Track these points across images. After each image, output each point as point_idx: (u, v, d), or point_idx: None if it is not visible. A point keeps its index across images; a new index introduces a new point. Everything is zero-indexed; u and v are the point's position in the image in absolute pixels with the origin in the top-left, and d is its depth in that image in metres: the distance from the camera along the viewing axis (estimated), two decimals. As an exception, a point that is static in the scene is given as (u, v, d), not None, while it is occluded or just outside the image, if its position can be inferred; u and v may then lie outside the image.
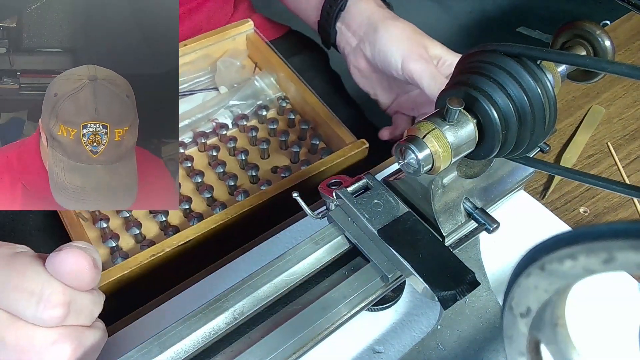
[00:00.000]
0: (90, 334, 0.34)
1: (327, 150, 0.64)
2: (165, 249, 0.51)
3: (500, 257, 0.50)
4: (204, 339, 0.36)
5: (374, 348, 0.44)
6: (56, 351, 0.31)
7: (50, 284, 0.30)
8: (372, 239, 0.40)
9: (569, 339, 0.27)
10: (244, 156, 0.61)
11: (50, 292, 0.30)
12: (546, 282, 0.24)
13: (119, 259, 0.52)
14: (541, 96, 0.35)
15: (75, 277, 0.31)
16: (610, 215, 0.56)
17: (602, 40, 0.40)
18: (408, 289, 0.47)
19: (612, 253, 0.20)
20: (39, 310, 0.30)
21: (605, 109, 0.66)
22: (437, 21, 1.05)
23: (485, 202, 0.44)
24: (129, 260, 0.50)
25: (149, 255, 0.50)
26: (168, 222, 0.56)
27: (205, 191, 0.58)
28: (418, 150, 0.35)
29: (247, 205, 0.54)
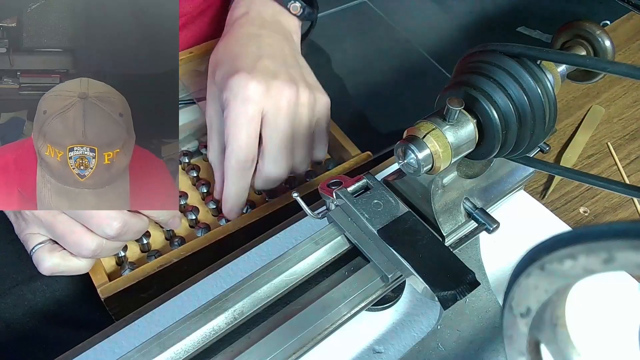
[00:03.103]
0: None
1: (333, 161, 0.63)
2: (172, 259, 0.51)
3: (500, 257, 0.50)
4: (204, 339, 0.36)
5: (374, 348, 0.44)
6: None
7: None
8: (372, 239, 0.40)
9: (569, 339, 0.27)
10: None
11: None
12: (546, 282, 0.24)
13: (127, 270, 0.52)
14: (541, 96, 0.35)
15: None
16: (610, 215, 0.56)
17: (602, 40, 0.40)
18: (408, 289, 0.47)
19: (612, 253, 0.20)
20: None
21: (605, 109, 0.66)
22: (437, 21, 1.05)
23: (485, 202, 0.44)
24: (137, 271, 0.50)
25: (157, 266, 0.50)
26: (174, 232, 0.56)
27: (210, 202, 0.58)
28: (418, 150, 0.35)
29: (254, 217, 0.55)
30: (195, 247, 0.52)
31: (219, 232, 0.53)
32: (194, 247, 0.52)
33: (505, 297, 0.27)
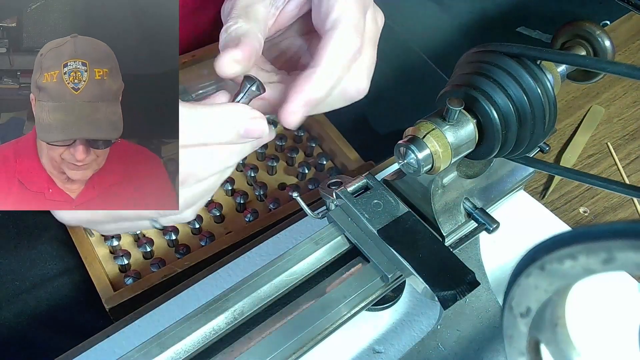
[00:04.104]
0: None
1: (335, 169, 0.63)
2: (176, 269, 0.51)
3: (500, 257, 0.50)
4: (204, 339, 0.36)
5: (373, 348, 0.44)
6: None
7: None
8: (372, 239, 0.40)
9: (569, 339, 0.27)
10: (253, 173, 0.61)
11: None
12: (546, 282, 0.24)
13: (130, 279, 0.52)
14: (541, 96, 0.35)
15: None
16: (610, 215, 0.56)
17: (602, 40, 0.40)
18: (408, 289, 0.47)
19: (612, 253, 0.20)
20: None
21: (605, 109, 0.66)
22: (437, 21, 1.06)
23: (485, 202, 0.44)
24: (141, 282, 0.50)
25: (161, 276, 0.50)
26: (178, 240, 0.56)
27: (214, 209, 0.58)
28: (418, 150, 0.35)
29: (257, 227, 0.55)
30: (200, 258, 0.52)
31: (223, 241, 0.53)
32: (198, 258, 0.52)
33: (505, 297, 0.27)
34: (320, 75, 0.34)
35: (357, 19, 0.36)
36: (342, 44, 0.35)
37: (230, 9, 0.39)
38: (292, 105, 0.34)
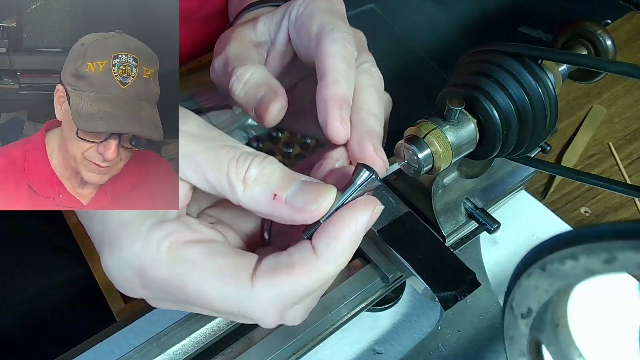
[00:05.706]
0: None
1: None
2: None
3: (501, 257, 0.49)
4: (204, 340, 0.36)
5: (374, 349, 0.44)
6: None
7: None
8: (372, 239, 0.40)
9: (570, 340, 0.27)
10: None
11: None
12: (547, 283, 0.24)
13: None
14: (542, 96, 0.35)
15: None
16: (611, 215, 0.56)
17: (603, 40, 0.40)
18: (408, 290, 0.47)
19: (613, 253, 0.19)
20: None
21: (607, 108, 0.66)
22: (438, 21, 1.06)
23: (486, 202, 0.44)
24: None
25: None
26: None
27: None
28: (418, 150, 0.35)
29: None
30: None
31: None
32: None
33: (506, 297, 0.27)
34: (337, 78, 0.34)
35: (335, 23, 0.36)
36: (335, 43, 0.35)
37: (224, 62, 0.40)
38: (335, 122, 0.34)
